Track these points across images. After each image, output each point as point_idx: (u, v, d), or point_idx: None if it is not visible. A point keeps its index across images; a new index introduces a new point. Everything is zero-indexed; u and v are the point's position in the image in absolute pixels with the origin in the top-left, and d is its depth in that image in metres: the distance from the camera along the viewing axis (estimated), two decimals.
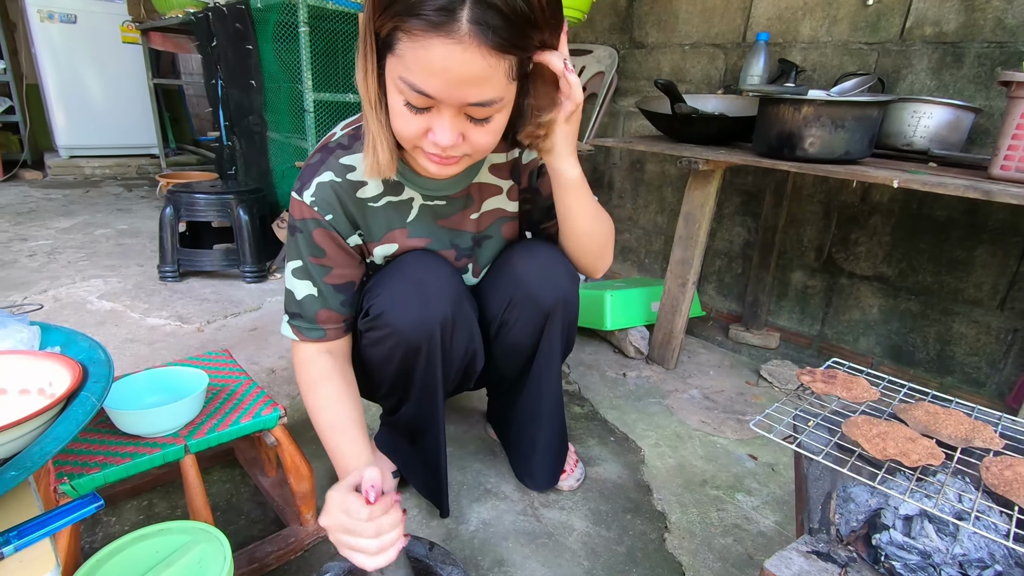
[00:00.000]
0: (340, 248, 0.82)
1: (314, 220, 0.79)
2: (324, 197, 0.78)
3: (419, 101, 0.61)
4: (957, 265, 1.46)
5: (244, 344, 1.63)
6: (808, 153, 1.22)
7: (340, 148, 0.80)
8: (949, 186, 1.04)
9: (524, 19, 0.57)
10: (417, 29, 0.56)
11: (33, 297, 1.88)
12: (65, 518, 0.51)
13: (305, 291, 0.81)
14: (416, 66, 0.58)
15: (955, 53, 1.39)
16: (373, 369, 0.91)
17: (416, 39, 0.56)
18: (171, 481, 1.06)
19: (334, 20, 2.06)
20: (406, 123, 0.65)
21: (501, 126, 0.67)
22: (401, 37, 0.58)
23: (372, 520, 0.62)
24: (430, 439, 0.97)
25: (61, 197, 3.36)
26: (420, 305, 0.82)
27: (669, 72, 1.97)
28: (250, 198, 2.10)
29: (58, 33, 3.74)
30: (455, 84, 0.59)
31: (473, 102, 0.61)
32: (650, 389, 1.53)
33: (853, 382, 0.84)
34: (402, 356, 0.85)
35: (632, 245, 2.25)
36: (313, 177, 0.78)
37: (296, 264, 0.81)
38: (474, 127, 0.65)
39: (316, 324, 0.82)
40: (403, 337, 0.83)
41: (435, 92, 0.59)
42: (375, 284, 0.85)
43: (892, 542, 0.67)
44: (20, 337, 0.69)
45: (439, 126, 0.63)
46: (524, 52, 0.61)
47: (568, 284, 0.92)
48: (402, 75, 0.60)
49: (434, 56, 0.56)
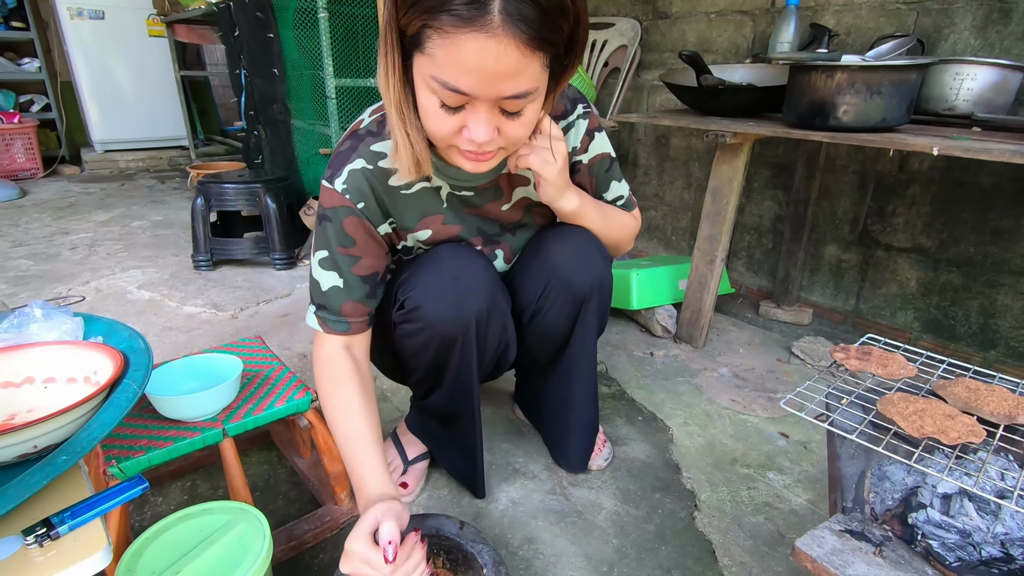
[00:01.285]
0: (370, 237, 0.81)
1: (345, 208, 0.78)
2: (356, 185, 0.77)
3: (454, 100, 0.60)
4: (1003, 234, 1.39)
5: (276, 330, 1.67)
6: (842, 122, 1.18)
7: (370, 135, 0.79)
8: (994, 152, 0.99)
9: (557, 7, 0.55)
10: (448, 25, 0.54)
11: (76, 288, 1.96)
12: (114, 499, 0.53)
13: (331, 282, 0.80)
14: (448, 64, 0.56)
15: (1002, 9, 1.31)
16: (407, 358, 0.91)
17: (447, 36, 0.54)
18: (212, 463, 1.10)
19: (353, 3, 2.05)
20: (440, 122, 0.63)
21: (535, 117, 0.66)
22: (431, 35, 0.55)
23: (396, 572, 0.63)
24: (465, 426, 0.98)
25: (99, 191, 3.47)
26: (456, 300, 0.82)
27: (694, 42, 1.91)
28: (277, 186, 2.13)
29: (88, 30, 3.83)
30: (490, 79, 0.57)
31: (509, 95, 0.59)
32: (678, 368, 1.52)
33: (889, 358, 0.81)
34: (436, 349, 0.86)
35: (658, 222, 2.21)
36: (344, 165, 0.77)
37: (323, 254, 0.80)
38: (508, 120, 0.63)
39: (341, 316, 0.81)
40: (437, 331, 0.83)
41: (470, 89, 0.58)
42: (410, 276, 0.85)
43: (929, 521, 0.65)
44: (65, 328, 0.72)
45: (474, 123, 0.62)
46: (556, 44, 0.59)
47: (603, 267, 0.92)
48: (434, 74, 0.58)
49: (467, 52, 0.54)
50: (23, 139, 3.73)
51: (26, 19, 3.80)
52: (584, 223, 0.90)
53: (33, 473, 0.49)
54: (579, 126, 0.86)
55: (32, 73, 3.92)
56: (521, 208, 0.91)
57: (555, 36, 0.57)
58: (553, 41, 0.57)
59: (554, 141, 0.77)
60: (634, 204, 1.00)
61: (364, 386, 0.81)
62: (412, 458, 1.07)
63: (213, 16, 2.89)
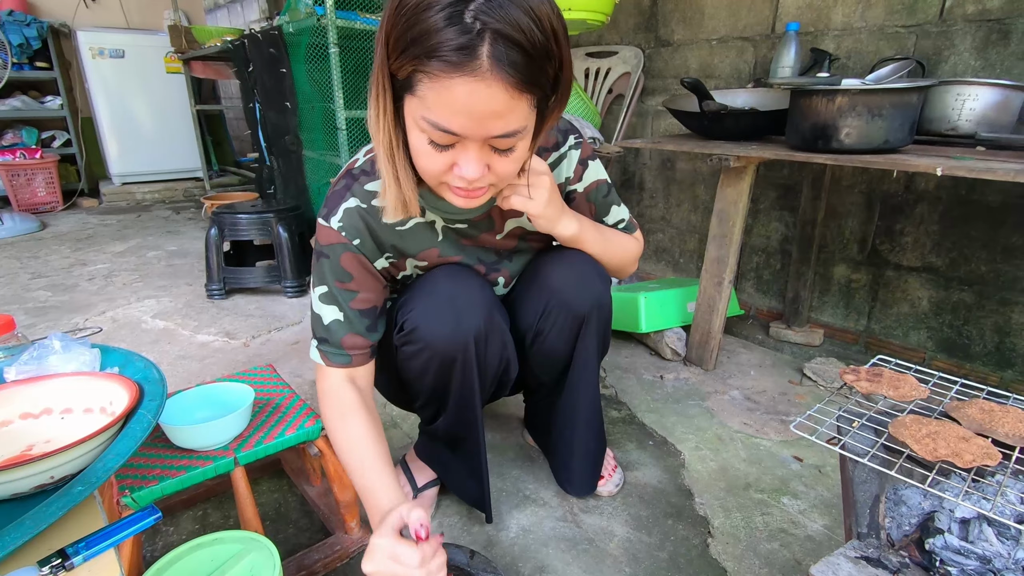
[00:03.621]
0: (367, 272, 0.82)
1: (342, 245, 0.79)
2: (351, 223, 0.79)
3: (443, 139, 0.61)
4: (1014, 252, 1.38)
5: (287, 357, 1.69)
6: (844, 144, 1.19)
7: (364, 174, 0.80)
8: (998, 171, 0.99)
9: (543, 52, 0.57)
10: (437, 70, 0.55)
11: (93, 319, 2.00)
12: (127, 530, 0.54)
13: (332, 316, 0.81)
14: (438, 106, 0.58)
15: (1001, 30, 1.32)
16: (410, 381, 0.92)
17: (437, 79, 0.56)
18: (224, 492, 1.11)
19: (363, 39, 2.12)
20: (431, 161, 0.65)
21: (524, 153, 0.68)
22: (421, 79, 0.57)
23: (423, 567, 0.62)
24: (470, 446, 0.98)
25: (116, 222, 3.55)
26: (453, 319, 0.83)
27: (697, 68, 1.94)
28: (289, 216, 2.17)
29: (108, 68, 3.97)
30: (479, 120, 0.59)
31: (498, 134, 0.61)
32: (689, 391, 1.51)
33: (900, 380, 0.81)
34: (437, 369, 0.86)
35: (666, 245, 2.22)
36: (340, 203, 0.79)
37: (322, 289, 0.81)
38: (498, 157, 0.65)
39: (342, 349, 0.81)
40: (437, 351, 0.84)
41: (459, 129, 0.59)
42: (408, 299, 0.87)
43: (948, 547, 0.64)
44: (83, 360, 0.74)
45: (464, 160, 0.63)
46: (543, 86, 0.60)
47: (601, 287, 0.93)
48: (424, 115, 0.60)
49: (457, 95, 0.56)
50: (44, 174, 3.84)
51: (50, 59, 3.95)
52: (585, 247, 0.91)
53: (50, 504, 0.50)
54: (571, 156, 0.88)
55: (54, 110, 4.06)
56: (515, 237, 0.93)
57: (541, 79, 0.59)
58: (540, 83, 0.59)
59: (535, 176, 0.78)
60: (635, 227, 1.01)
61: (371, 415, 0.81)
62: (422, 485, 1.07)
63: (228, 53, 2.99)
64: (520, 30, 0.54)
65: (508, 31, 0.54)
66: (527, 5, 0.55)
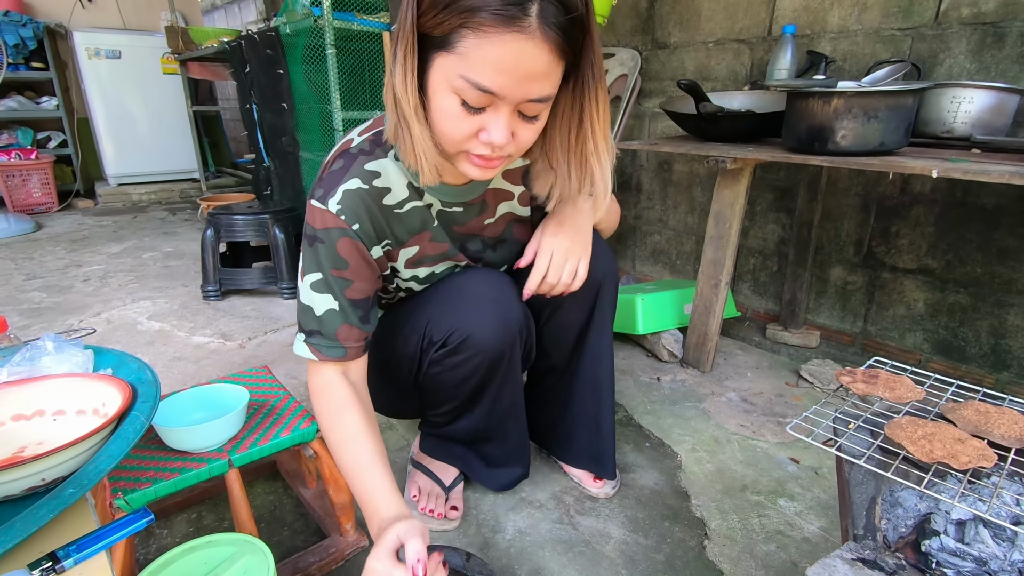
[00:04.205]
0: (363, 260, 0.78)
1: (339, 229, 0.75)
2: (351, 205, 0.75)
3: (479, 100, 0.61)
4: (1009, 254, 1.39)
5: (283, 359, 1.68)
6: (840, 146, 1.19)
7: (362, 154, 0.77)
8: (993, 173, 1.00)
9: (580, 20, 0.59)
10: (487, 24, 0.55)
11: (88, 320, 1.99)
12: (119, 532, 0.54)
13: (326, 305, 0.76)
14: (482, 63, 0.58)
15: (996, 33, 1.33)
16: (442, 391, 0.93)
17: (485, 35, 0.56)
18: (218, 494, 1.10)
19: (360, 40, 2.12)
20: (457, 125, 0.63)
21: (543, 122, 0.68)
22: (466, 34, 0.57)
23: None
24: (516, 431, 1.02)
25: (111, 223, 3.54)
26: (503, 319, 0.85)
27: (694, 71, 1.95)
28: (285, 217, 2.17)
29: (105, 69, 3.96)
30: (522, 79, 0.59)
31: (534, 98, 0.61)
32: (685, 393, 1.51)
33: (896, 381, 0.81)
34: (485, 371, 0.88)
35: (663, 247, 2.22)
36: (338, 184, 0.75)
37: (315, 277, 0.76)
38: (524, 124, 0.65)
39: (336, 342, 0.77)
40: (488, 354, 0.85)
41: (500, 88, 0.59)
42: (441, 314, 0.86)
43: (944, 548, 0.64)
44: (76, 361, 0.73)
45: (495, 124, 0.63)
46: (575, 54, 0.63)
47: (609, 257, 0.97)
48: (463, 73, 0.59)
49: (506, 51, 0.56)
50: (40, 175, 3.82)
51: (46, 60, 3.94)
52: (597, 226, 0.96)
53: (40, 506, 0.49)
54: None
55: (50, 111, 4.05)
56: (504, 223, 0.92)
57: (575, 46, 0.61)
58: (574, 50, 0.61)
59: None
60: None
61: (366, 412, 0.78)
62: (449, 484, 1.07)
63: (225, 54, 2.99)
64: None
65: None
66: None
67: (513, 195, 0.91)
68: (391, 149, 0.78)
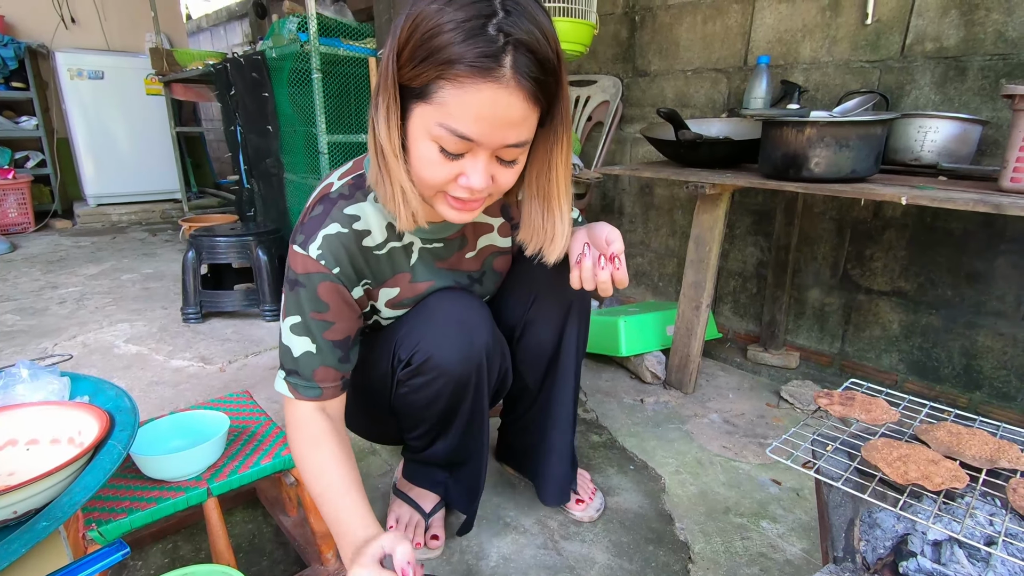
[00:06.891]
0: (344, 302, 0.79)
1: (320, 274, 0.76)
2: (331, 250, 0.76)
3: (457, 147, 0.63)
4: (977, 277, 1.43)
5: (265, 383, 1.66)
6: (814, 173, 1.23)
7: (342, 198, 0.79)
8: (958, 200, 1.04)
9: (552, 67, 0.62)
10: (463, 76, 0.58)
11: (63, 344, 1.95)
12: (93, 567, 0.52)
13: (303, 348, 0.78)
14: (460, 111, 0.60)
15: (958, 67, 1.39)
16: (414, 412, 0.92)
17: (462, 85, 0.59)
18: (195, 523, 1.07)
19: (345, 64, 2.14)
20: (436, 170, 0.66)
21: (522, 165, 0.71)
22: (443, 85, 0.60)
23: None
24: (475, 462, 0.99)
25: (89, 244, 3.48)
26: (467, 342, 0.84)
27: (673, 98, 2.00)
28: (268, 239, 2.16)
29: (87, 89, 3.94)
30: (498, 126, 0.62)
31: (511, 143, 0.64)
32: (669, 415, 1.52)
33: (872, 403, 0.82)
34: (451, 393, 0.86)
35: (645, 269, 2.25)
36: (318, 229, 0.76)
37: (295, 320, 0.78)
38: (502, 168, 0.67)
39: (313, 382, 0.78)
40: (452, 376, 0.84)
41: (477, 135, 0.62)
42: (409, 332, 0.86)
43: (920, 569, 0.65)
44: (51, 388, 0.72)
45: (473, 169, 0.65)
46: (549, 101, 0.65)
47: None
48: (441, 121, 0.61)
49: (482, 100, 0.59)
50: (16, 194, 3.76)
51: (26, 80, 3.90)
52: None
53: (11, 541, 0.48)
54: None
55: (29, 131, 4.00)
56: (483, 257, 0.94)
57: (548, 93, 0.64)
58: (547, 97, 0.64)
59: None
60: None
61: (342, 443, 0.78)
62: (430, 511, 1.05)
63: (210, 76, 2.99)
64: (537, 43, 0.60)
65: (529, 42, 0.59)
66: (539, 23, 0.60)
67: (493, 227, 0.92)
68: (370, 192, 0.79)
